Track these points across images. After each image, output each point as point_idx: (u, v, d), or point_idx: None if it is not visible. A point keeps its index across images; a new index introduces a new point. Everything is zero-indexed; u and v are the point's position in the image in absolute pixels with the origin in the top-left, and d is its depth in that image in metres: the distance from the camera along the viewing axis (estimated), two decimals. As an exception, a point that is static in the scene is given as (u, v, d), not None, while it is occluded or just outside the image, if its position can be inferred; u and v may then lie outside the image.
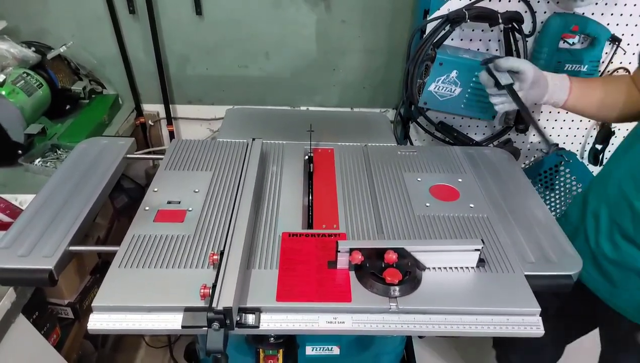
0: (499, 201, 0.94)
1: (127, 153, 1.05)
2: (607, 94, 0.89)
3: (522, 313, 0.70)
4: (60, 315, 1.18)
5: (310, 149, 1.08)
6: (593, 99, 0.90)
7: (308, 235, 0.82)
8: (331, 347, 0.93)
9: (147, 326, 0.67)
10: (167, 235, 0.80)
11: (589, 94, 0.89)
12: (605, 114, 0.92)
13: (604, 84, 0.91)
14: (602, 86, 0.91)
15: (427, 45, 1.20)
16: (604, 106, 0.90)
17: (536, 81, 0.85)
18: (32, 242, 0.77)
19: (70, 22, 1.37)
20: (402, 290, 0.71)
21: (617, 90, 0.89)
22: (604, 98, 0.89)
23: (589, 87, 0.90)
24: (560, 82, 0.88)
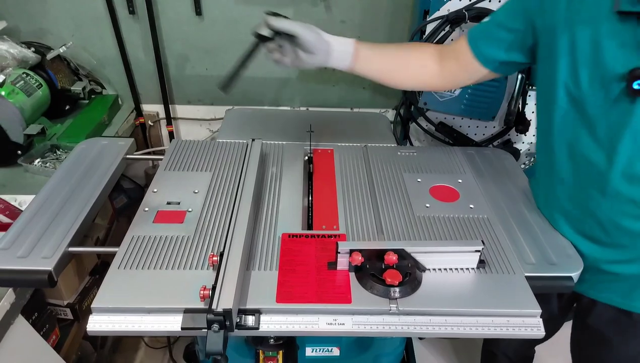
0: (499, 202, 0.94)
1: (127, 153, 1.04)
2: (397, 62, 0.90)
3: (522, 314, 0.70)
4: (59, 316, 1.17)
5: (310, 149, 1.08)
6: (380, 66, 0.89)
7: (308, 236, 0.82)
8: (331, 348, 0.93)
9: (146, 328, 0.67)
10: (166, 236, 0.80)
11: (377, 60, 0.88)
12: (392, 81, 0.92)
13: (396, 51, 0.91)
14: (394, 53, 0.90)
15: (427, 45, 1.20)
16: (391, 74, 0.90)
17: (314, 48, 0.80)
18: (31, 243, 0.77)
19: (70, 22, 1.36)
20: (403, 292, 0.71)
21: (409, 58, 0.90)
22: (391, 66, 0.90)
23: (380, 54, 0.89)
24: (345, 48, 0.85)
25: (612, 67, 0.66)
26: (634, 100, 0.64)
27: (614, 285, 0.81)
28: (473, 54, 0.84)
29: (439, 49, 0.90)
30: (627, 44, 0.64)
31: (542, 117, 0.82)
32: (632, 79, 0.63)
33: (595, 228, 0.78)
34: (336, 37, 0.85)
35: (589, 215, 0.78)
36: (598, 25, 0.66)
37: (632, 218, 0.73)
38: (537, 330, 0.70)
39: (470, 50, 0.84)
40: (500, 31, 0.81)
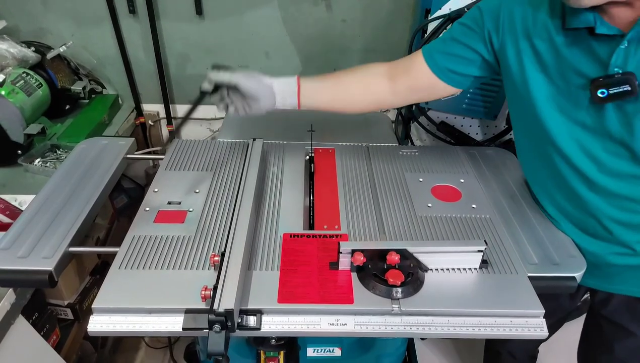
0: (502, 202, 0.94)
1: (127, 153, 1.04)
2: (340, 89, 0.90)
3: (525, 315, 0.70)
4: (59, 316, 1.17)
5: (311, 149, 1.08)
6: (325, 98, 0.90)
7: (309, 236, 0.81)
8: (332, 348, 0.92)
9: (147, 328, 0.67)
10: (167, 236, 0.79)
11: (321, 93, 0.89)
12: (342, 108, 0.92)
13: (340, 78, 0.90)
14: (338, 80, 0.90)
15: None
16: (340, 100, 0.90)
17: (257, 94, 0.83)
18: (31, 243, 0.77)
19: (70, 21, 1.36)
20: (405, 292, 0.70)
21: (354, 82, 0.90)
22: (335, 94, 0.90)
23: (324, 85, 0.90)
24: (288, 87, 0.87)
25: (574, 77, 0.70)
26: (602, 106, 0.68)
27: (627, 275, 0.81)
28: (431, 69, 0.84)
29: (390, 66, 0.90)
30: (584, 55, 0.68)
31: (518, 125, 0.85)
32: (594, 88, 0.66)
33: (598, 227, 0.78)
34: (278, 79, 0.87)
35: (589, 216, 0.78)
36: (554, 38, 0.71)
37: (629, 212, 0.74)
38: (541, 330, 0.69)
39: (428, 65, 0.85)
40: (456, 46, 0.82)
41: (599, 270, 0.82)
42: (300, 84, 0.87)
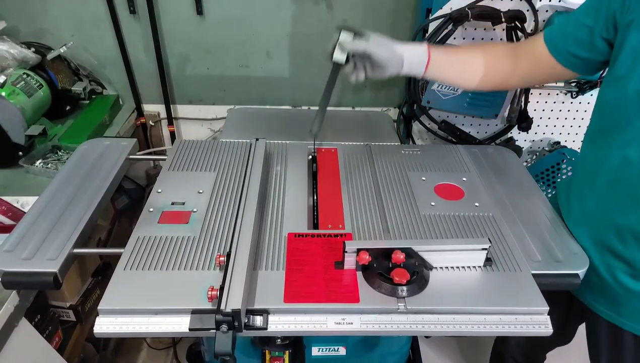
0: (504, 200, 0.94)
1: (130, 154, 1.04)
2: (466, 66, 0.89)
3: (530, 312, 0.70)
4: (62, 317, 1.17)
5: (314, 148, 1.08)
6: (453, 72, 0.90)
7: (314, 235, 0.81)
8: (337, 347, 0.92)
9: (153, 329, 0.67)
10: (172, 237, 0.79)
11: (447, 67, 0.89)
12: (464, 84, 0.92)
13: (468, 55, 0.90)
14: (466, 57, 0.90)
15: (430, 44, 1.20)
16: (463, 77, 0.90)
17: (387, 63, 0.81)
18: (35, 245, 0.77)
19: (70, 22, 1.36)
20: (410, 290, 0.70)
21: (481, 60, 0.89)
22: (460, 71, 0.89)
23: (452, 59, 0.89)
24: (417, 58, 0.84)
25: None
26: None
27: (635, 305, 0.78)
28: (549, 52, 0.82)
29: (513, 47, 0.89)
30: None
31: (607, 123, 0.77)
32: None
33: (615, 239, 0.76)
34: (409, 47, 0.84)
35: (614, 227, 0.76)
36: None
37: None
38: (545, 327, 0.70)
39: (547, 47, 0.82)
40: (578, 28, 0.79)
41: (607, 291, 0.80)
42: (430, 57, 0.85)
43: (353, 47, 0.80)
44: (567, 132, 1.46)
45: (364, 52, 0.80)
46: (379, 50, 0.80)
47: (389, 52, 0.81)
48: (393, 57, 0.82)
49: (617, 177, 0.73)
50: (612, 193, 0.75)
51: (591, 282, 0.82)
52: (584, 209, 0.82)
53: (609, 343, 0.85)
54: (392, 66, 0.82)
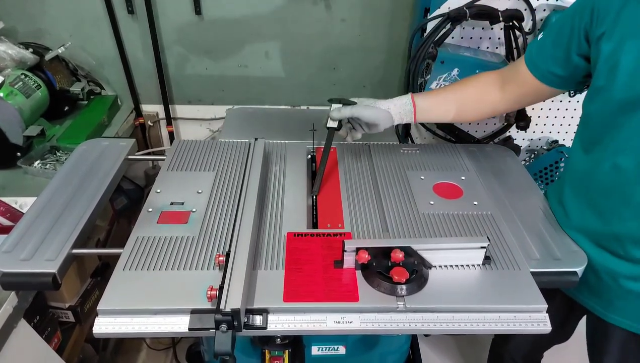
0: (503, 198, 0.94)
1: (128, 154, 1.04)
2: (454, 103, 0.94)
3: (529, 310, 0.70)
4: (61, 318, 1.16)
5: (313, 148, 1.08)
6: (440, 112, 0.96)
7: (313, 234, 0.82)
8: (337, 346, 0.93)
9: (153, 329, 0.66)
10: (171, 237, 0.79)
11: (436, 108, 0.95)
12: (457, 119, 0.98)
13: (453, 93, 0.95)
14: (452, 96, 0.94)
15: (428, 43, 1.20)
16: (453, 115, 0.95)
17: (377, 120, 0.92)
18: (34, 246, 0.76)
19: (68, 22, 1.35)
20: (409, 289, 0.71)
21: (467, 96, 0.94)
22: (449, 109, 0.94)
23: (437, 102, 0.95)
24: (404, 108, 0.93)
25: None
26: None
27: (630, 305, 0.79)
28: (532, 73, 0.84)
29: (499, 74, 0.92)
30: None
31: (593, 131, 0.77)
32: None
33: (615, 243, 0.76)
34: (394, 102, 0.93)
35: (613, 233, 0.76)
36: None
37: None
38: (544, 325, 0.70)
39: (529, 69, 0.85)
40: (555, 47, 0.80)
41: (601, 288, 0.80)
42: (416, 104, 0.93)
43: (341, 115, 0.93)
44: (565, 131, 1.47)
45: (352, 116, 0.92)
46: (365, 113, 0.91)
47: (375, 111, 0.91)
48: (380, 114, 0.92)
49: (610, 185, 0.74)
50: (607, 201, 0.76)
51: (591, 284, 0.82)
52: (582, 216, 0.82)
53: (613, 345, 0.85)
54: (383, 121, 0.92)
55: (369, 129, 0.95)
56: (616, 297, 0.80)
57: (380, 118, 0.91)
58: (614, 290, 0.79)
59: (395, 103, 0.93)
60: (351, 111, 0.91)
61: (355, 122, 0.95)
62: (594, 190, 0.78)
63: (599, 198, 0.77)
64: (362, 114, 0.91)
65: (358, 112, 0.91)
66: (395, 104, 0.93)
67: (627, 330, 0.81)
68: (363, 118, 0.91)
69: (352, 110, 0.91)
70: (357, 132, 0.97)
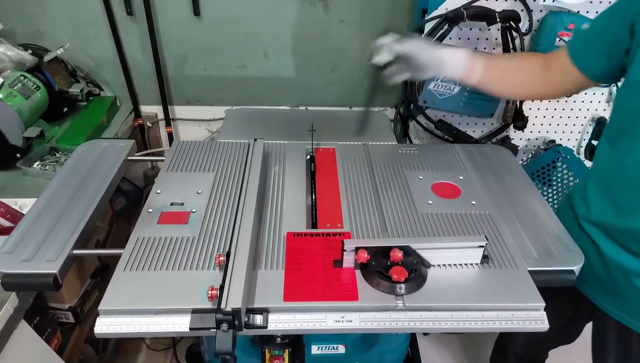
0: (500, 198, 0.95)
1: (128, 155, 1.04)
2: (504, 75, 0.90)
3: (526, 308, 0.71)
4: (61, 319, 1.17)
5: (312, 148, 1.08)
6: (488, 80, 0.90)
7: (313, 234, 0.82)
8: (337, 345, 0.93)
9: (154, 329, 0.67)
10: (171, 237, 0.80)
11: (486, 75, 0.89)
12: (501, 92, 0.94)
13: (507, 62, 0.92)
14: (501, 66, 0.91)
15: (425, 44, 1.21)
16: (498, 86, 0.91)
17: (427, 65, 0.84)
18: (35, 247, 0.77)
19: (67, 23, 1.36)
20: (409, 288, 0.71)
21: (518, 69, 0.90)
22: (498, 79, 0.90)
23: (492, 66, 0.90)
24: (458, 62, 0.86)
25: None
26: None
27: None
28: (574, 63, 0.83)
29: (545, 58, 0.89)
30: None
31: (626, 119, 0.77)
32: None
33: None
34: (450, 51, 0.86)
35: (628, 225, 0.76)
36: None
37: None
38: (542, 323, 0.70)
39: (570, 59, 0.83)
40: (598, 38, 0.80)
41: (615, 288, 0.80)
42: (472, 62, 0.87)
43: (392, 49, 0.82)
44: (562, 131, 1.48)
45: (403, 54, 0.81)
46: (420, 54, 0.82)
47: (428, 55, 0.83)
48: (432, 61, 0.84)
49: (632, 179, 0.74)
50: (628, 195, 0.76)
51: (603, 281, 0.83)
52: (601, 210, 0.82)
53: (617, 343, 0.86)
54: (431, 69, 0.85)
55: (413, 74, 0.85)
56: (625, 295, 0.80)
57: (431, 64, 0.84)
58: (624, 287, 0.80)
59: (452, 55, 0.86)
60: (404, 48, 0.81)
61: (401, 62, 0.84)
62: (615, 184, 0.78)
63: (620, 192, 0.77)
64: (415, 55, 0.82)
65: (412, 50, 0.81)
66: (453, 56, 0.86)
67: (630, 329, 0.82)
68: (414, 60, 0.82)
69: (407, 46, 0.81)
70: (399, 74, 0.86)
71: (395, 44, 0.82)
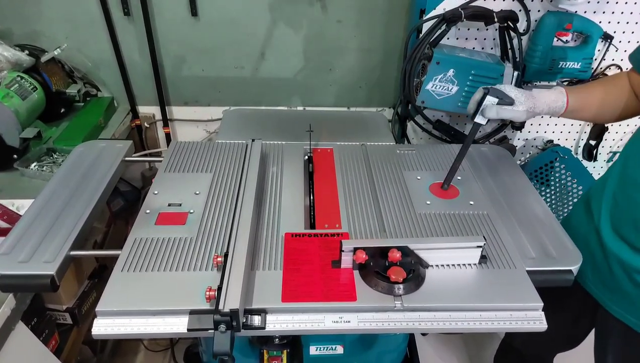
0: (498, 198, 0.95)
1: (125, 156, 1.04)
2: (606, 98, 0.89)
3: (525, 308, 0.71)
4: (58, 320, 1.16)
5: (310, 149, 1.08)
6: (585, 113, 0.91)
7: (311, 235, 0.82)
8: (335, 346, 0.93)
9: (152, 330, 0.67)
10: (169, 238, 0.80)
11: (587, 102, 0.90)
12: (602, 117, 0.93)
13: (603, 88, 0.91)
14: (601, 91, 0.90)
15: (423, 44, 1.21)
16: (602, 110, 0.90)
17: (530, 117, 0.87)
18: (32, 248, 0.76)
19: (64, 24, 1.35)
20: (407, 288, 0.71)
21: (617, 92, 0.89)
22: (602, 103, 0.90)
23: (587, 95, 0.90)
24: (555, 104, 0.87)
25: None
26: None
27: None
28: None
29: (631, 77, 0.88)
30: None
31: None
32: None
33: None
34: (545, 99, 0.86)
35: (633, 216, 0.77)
36: None
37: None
38: (540, 323, 0.71)
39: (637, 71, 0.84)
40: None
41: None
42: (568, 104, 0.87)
43: (498, 116, 0.84)
44: (559, 131, 1.48)
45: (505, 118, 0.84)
46: (513, 115, 0.84)
47: (520, 115, 0.85)
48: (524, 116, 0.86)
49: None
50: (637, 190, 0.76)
51: (605, 278, 0.83)
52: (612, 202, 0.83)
53: (619, 343, 0.86)
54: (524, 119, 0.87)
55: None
56: (625, 292, 0.81)
57: (523, 118, 0.86)
58: (626, 284, 0.80)
59: (546, 101, 0.86)
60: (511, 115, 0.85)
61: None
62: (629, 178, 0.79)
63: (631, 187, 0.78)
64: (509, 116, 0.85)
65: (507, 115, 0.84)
66: (548, 103, 0.86)
67: (632, 328, 0.82)
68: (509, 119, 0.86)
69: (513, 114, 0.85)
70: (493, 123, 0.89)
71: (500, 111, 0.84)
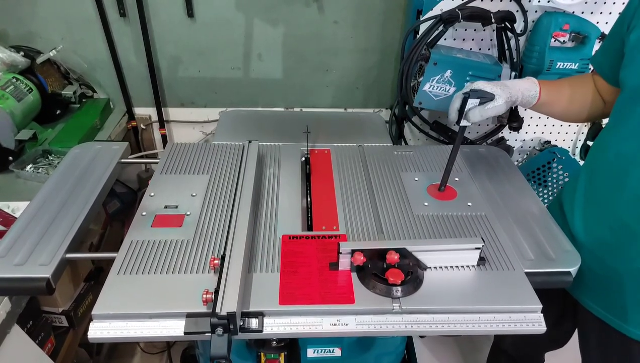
0: (496, 199, 0.95)
1: (121, 158, 1.03)
2: (574, 96, 0.91)
3: (523, 310, 0.71)
4: (54, 323, 1.15)
5: (307, 150, 1.08)
6: (561, 102, 0.91)
7: (308, 237, 0.82)
8: (332, 348, 0.93)
9: (148, 333, 0.66)
10: (165, 241, 0.79)
11: (558, 97, 0.91)
12: (570, 114, 0.94)
13: (571, 85, 0.92)
14: (569, 88, 0.91)
15: (421, 45, 1.21)
16: (570, 107, 0.92)
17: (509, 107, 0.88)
18: (27, 251, 0.76)
19: (60, 25, 1.34)
20: (405, 291, 0.71)
21: (583, 90, 0.91)
22: (570, 100, 0.91)
23: (557, 90, 0.91)
24: (529, 92, 0.88)
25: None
26: None
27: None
28: (603, 78, 0.85)
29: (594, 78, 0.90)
30: None
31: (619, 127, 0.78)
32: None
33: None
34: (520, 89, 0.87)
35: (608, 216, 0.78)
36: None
37: None
38: (539, 325, 0.70)
39: (600, 75, 0.86)
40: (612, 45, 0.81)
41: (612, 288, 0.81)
42: (540, 97, 0.88)
43: (482, 118, 0.84)
44: (557, 131, 1.48)
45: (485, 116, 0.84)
46: (494, 112, 0.84)
47: (500, 108, 0.84)
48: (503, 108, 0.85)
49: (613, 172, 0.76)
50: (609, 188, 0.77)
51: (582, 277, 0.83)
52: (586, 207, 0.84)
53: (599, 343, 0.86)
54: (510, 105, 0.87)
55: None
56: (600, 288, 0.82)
57: (504, 109, 0.86)
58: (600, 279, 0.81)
59: (520, 89, 0.87)
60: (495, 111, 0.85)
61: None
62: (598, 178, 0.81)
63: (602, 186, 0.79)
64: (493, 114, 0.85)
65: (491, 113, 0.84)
66: (522, 90, 0.87)
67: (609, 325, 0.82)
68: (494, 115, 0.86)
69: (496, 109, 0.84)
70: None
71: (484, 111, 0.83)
